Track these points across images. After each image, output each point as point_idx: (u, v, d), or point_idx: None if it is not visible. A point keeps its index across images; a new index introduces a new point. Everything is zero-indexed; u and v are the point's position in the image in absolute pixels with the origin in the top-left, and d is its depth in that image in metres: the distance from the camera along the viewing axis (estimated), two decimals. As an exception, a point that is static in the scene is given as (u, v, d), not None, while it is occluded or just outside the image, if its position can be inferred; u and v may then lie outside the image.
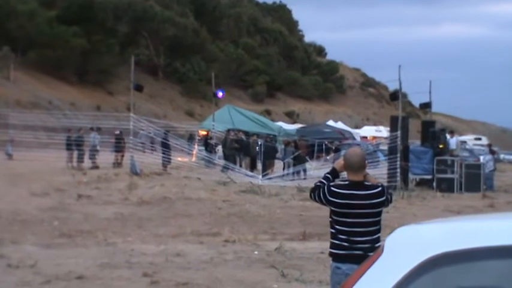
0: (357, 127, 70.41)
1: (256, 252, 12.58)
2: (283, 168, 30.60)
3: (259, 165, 31.11)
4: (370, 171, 24.32)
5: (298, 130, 45.17)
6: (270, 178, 28.01)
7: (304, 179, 27.81)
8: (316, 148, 37.58)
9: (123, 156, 29.14)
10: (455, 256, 3.01)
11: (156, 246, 12.90)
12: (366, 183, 6.14)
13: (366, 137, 56.56)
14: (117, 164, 29.09)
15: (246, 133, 34.27)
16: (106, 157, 30.15)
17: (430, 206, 20.61)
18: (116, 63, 60.66)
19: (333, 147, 35.66)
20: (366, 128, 68.90)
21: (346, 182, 6.14)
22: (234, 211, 17.77)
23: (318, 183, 6.34)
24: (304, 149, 31.60)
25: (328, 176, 6.36)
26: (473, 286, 3.09)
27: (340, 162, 6.37)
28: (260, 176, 27.77)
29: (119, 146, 29.84)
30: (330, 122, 57.53)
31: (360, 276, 3.20)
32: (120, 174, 26.19)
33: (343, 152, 34.45)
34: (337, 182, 6.27)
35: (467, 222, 3.51)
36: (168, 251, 12.47)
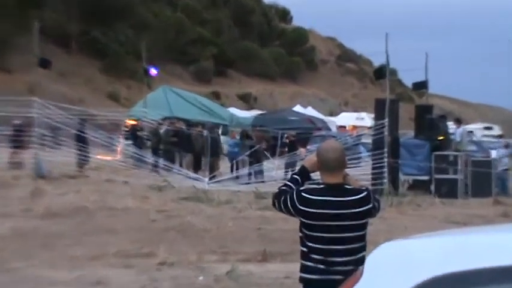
0: (333, 114, 71.83)
1: (201, 278, 12.61)
2: (234, 168, 31.17)
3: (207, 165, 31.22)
4: (350, 171, 24.37)
5: (255, 118, 44.87)
6: (219, 181, 28.18)
7: (263, 181, 28.05)
8: (279, 142, 37.94)
9: (23, 153, 28.57)
10: (454, 280, 3.03)
11: (69, 272, 12.77)
12: (347, 186, 6.16)
13: (344, 127, 57.31)
14: (16, 164, 28.52)
15: (188, 122, 34.29)
16: (1, 155, 29.67)
17: (427, 216, 20.80)
18: (14, 30, 58.74)
19: (287, 141, 35.29)
20: (344, 115, 69.76)
21: (321, 186, 6.14)
22: (172, 224, 17.59)
23: (283, 188, 6.33)
24: (263, 143, 32.22)
25: (297, 177, 6.36)
26: None
27: (311, 159, 6.37)
28: (206, 179, 27.88)
29: (19, 141, 29.14)
30: (297, 108, 57.14)
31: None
32: (20, 177, 25.86)
33: (314, 147, 34.56)
34: (309, 185, 6.26)
35: (471, 236, 3.54)
36: (86, 278, 12.39)
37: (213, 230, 17.37)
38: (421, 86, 33.34)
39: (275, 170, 30.85)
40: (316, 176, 6.68)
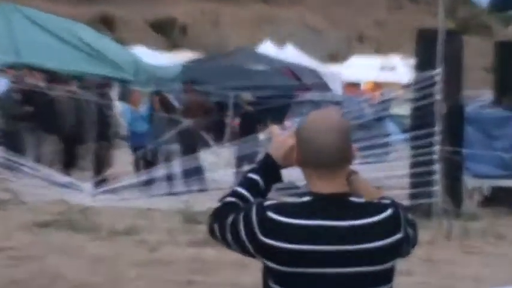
0: (336, 59, 44.58)
1: None
2: (141, 165, 19.21)
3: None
4: (365, 168, 13.98)
5: (184, 69, 27.11)
6: (112, 190, 17.36)
7: (202, 190, 17.38)
8: (231, 114, 25.05)
9: None
10: None
11: None
12: (354, 199, 3.21)
13: (356, 85, 34.77)
14: None
15: (52, 76, 21.33)
16: None
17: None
18: None
19: (244, 107, 21.81)
20: (356, 61, 42.16)
21: (305, 199, 3.20)
22: (21, 275, 10.06)
23: (229, 200, 3.43)
24: (200, 117, 19.55)
25: (255, 178, 3.44)
26: None
27: (284, 142, 3.41)
28: (88, 185, 17.42)
29: None
30: (267, 47, 35.49)
31: None
32: None
33: (296, 123, 22.38)
34: (280, 196, 3.90)
35: None
36: None
37: (101, 285, 9.96)
38: (507, 5, 20.58)
39: (223, 168, 19.23)
40: (293, 176, 4.36)
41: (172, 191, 17.20)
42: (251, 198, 3.38)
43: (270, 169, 3.49)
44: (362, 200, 3.30)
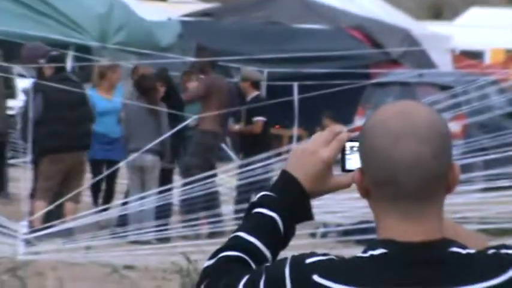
0: (439, 14, 33.85)
1: None
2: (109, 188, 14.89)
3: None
4: (497, 195, 14.56)
5: (186, 26, 21.19)
6: (63, 231, 13.05)
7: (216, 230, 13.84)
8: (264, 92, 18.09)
9: None
10: None
11: None
12: (459, 250, 2.12)
13: (477, 56, 26.73)
14: None
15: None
16: None
17: None
18: None
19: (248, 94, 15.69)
20: (477, 13, 30.69)
21: (378, 252, 2.08)
22: None
23: (232, 254, 2.26)
24: (218, 103, 14.75)
25: (270, 214, 2.29)
26: None
27: (316, 153, 2.31)
28: (23, 227, 13.01)
29: None
30: None
31: None
32: None
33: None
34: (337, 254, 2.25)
35: None
36: None
37: None
38: None
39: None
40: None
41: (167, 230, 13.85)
42: (267, 252, 2.29)
43: (293, 199, 2.35)
44: (466, 250, 2.21)
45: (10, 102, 15.53)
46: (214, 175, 14.19)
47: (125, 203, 13.98)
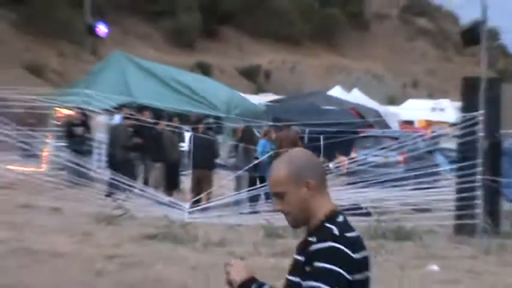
0: (394, 102, 38.81)
1: None
2: (236, 187, 15.94)
3: (186, 183, 16.84)
4: (420, 193, 13.64)
5: (269, 107, 25.99)
6: (206, 208, 14.66)
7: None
8: (306, 140, 21.90)
9: None
10: None
11: None
12: None
13: (410, 123, 31.05)
14: None
15: (158, 114, 17.68)
16: None
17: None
18: None
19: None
20: (411, 103, 38.08)
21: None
22: (131, 279, 8.32)
23: None
24: (286, 145, 15.87)
25: None
26: None
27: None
28: (187, 205, 14.69)
29: None
30: (336, 91, 32.34)
31: None
32: None
33: (362, 154, 18.97)
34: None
35: None
36: None
37: (198, 288, 8.43)
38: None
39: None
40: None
41: (258, 209, 14.60)
42: None
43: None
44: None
45: (182, 144, 17.82)
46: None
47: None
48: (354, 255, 2.26)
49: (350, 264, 2.27)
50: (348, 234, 2.27)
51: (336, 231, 2.33)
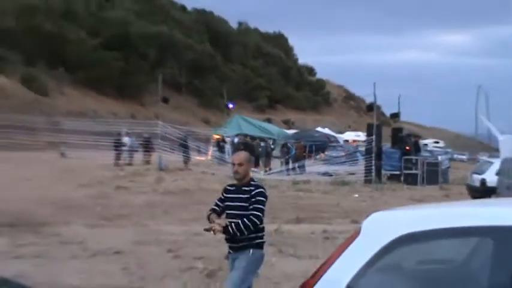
0: (340, 132, 75.57)
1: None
2: (281, 165, 32.84)
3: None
4: (350, 168, 30.20)
5: (293, 135, 47.84)
6: (270, 173, 29.48)
7: (301, 173, 29.05)
8: (307, 149, 39.34)
9: (151, 155, 29.22)
10: (418, 236, 2.99)
11: (179, 227, 12.96)
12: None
13: (347, 141, 59.03)
14: (147, 162, 29.19)
15: (252, 137, 36.54)
16: (137, 156, 31.08)
17: (399, 196, 21.28)
18: (147, 80, 68.04)
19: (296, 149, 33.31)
20: (347, 133, 74.17)
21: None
22: None
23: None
24: (301, 150, 32.49)
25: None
26: (431, 259, 3.17)
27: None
28: (262, 172, 28.45)
29: (148, 147, 30.73)
30: (319, 128, 60.95)
31: (340, 254, 3.08)
32: (149, 170, 27.32)
33: (331, 153, 37.09)
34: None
35: (428, 209, 3.51)
36: (189, 231, 12.25)
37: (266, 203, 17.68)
38: (395, 116, 35.50)
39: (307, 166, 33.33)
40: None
41: (290, 174, 28.97)
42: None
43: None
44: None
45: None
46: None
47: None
48: (266, 193, 5.06)
49: (266, 196, 5.11)
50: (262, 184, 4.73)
51: (260, 183, 4.85)
